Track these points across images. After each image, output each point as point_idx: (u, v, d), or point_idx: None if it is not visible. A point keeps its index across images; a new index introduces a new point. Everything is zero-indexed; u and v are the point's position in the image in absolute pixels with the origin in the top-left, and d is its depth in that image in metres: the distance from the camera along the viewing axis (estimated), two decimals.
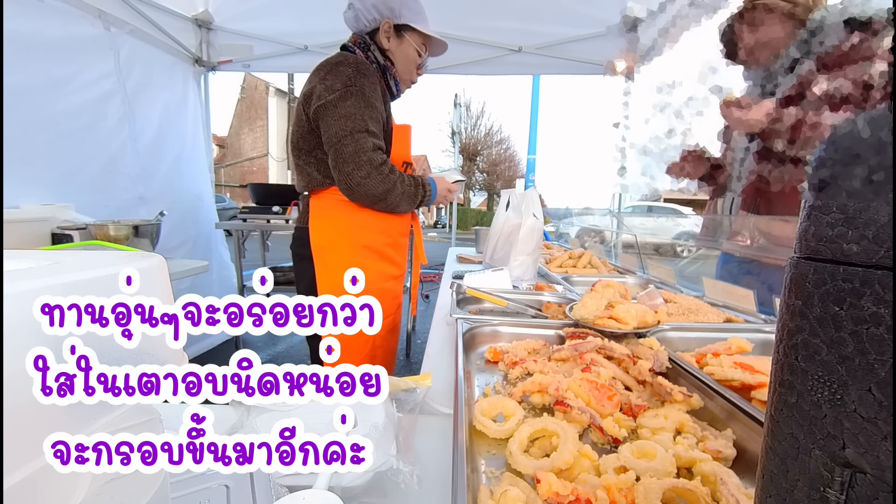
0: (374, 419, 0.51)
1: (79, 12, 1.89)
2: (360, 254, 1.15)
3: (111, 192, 2.06)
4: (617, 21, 2.43)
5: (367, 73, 1.07)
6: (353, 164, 1.00)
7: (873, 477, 0.16)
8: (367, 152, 1.01)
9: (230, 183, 16.74)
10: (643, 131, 1.50)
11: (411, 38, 1.17)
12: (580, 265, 1.81)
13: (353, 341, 1.15)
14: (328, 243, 1.13)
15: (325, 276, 1.13)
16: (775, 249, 1.12)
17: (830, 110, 1.01)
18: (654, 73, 2.43)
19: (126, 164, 2.15)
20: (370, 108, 1.05)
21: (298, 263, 1.20)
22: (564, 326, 0.87)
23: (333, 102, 1.02)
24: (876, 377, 0.15)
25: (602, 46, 2.59)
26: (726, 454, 0.47)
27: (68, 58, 1.82)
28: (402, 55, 1.18)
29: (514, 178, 20.71)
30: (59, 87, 1.78)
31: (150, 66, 2.34)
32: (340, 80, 1.03)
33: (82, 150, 1.90)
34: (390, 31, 1.15)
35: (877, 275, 0.15)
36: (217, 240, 3.03)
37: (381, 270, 1.20)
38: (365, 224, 1.15)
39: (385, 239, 1.19)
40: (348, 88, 1.02)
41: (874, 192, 0.16)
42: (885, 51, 0.95)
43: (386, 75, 1.18)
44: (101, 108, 1.99)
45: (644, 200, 9.23)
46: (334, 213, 1.13)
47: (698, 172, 1.40)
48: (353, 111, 1.01)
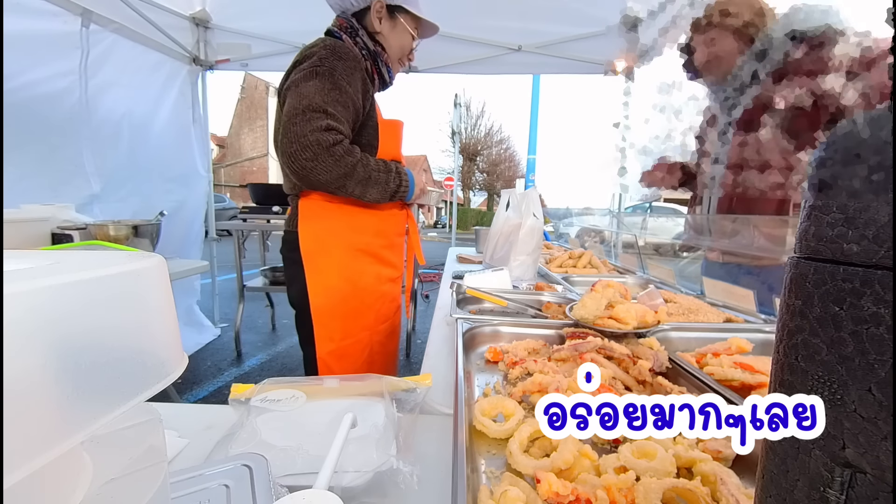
0: (374, 419, 0.51)
1: (56, 10, 1.85)
2: (355, 257, 1.08)
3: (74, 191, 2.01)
4: (617, 21, 2.43)
5: (343, 57, 0.97)
6: (298, 144, 0.87)
7: (873, 477, 0.16)
8: (316, 132, 0.88)
9: (230, 183, 16.73)
10: (643, 131, 1.52)
11: (405, 19, 1.08)
12: (580, 265, 1.81)
13: (350, 348, 1.11)
14: (319, 247, 1.05)
15: (318, 281, 1.05)
16: (747, 251, 1.15)
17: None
18: (654, 73, 2.43)
19: (88, 162, 2.10)
20: (337, 91, 0.93)
21: (289, 268, 1.11)
22: (564, 326, 0.87)
23: (296, 82, 0.92)
24: (876, 377, 0.15)
25: (602, 46, 2.59)
26: (726, 454, 0.47)
27: (18, 55, 1.75)
28: (395, 39, 1.09)
29: (514, 178, 20.70)
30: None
31: (130, 64, 2.31)
32: (310, 63, 0.94)
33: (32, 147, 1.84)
34: (382, 12, 1.05)
35: (877, 275, 0.15)
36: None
37: (378, 273, 1.14)
38: (358, 226, 1.08)
39: (380, 241, 1.13)
40: (315, 68, 0.92)
41: (874, 192, 0.16)
42: (836, 62, 0.97)
43: (378, 62, 1.08)
44: (51, 106, 1.91)
45: (644, 200, 9.22)
46: (324, 214, 1.05)
47: (674, 180, 1.45)
48: (312, 91, 0.90)
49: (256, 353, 2.93)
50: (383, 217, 1.11)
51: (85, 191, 2.09)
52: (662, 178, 1.46)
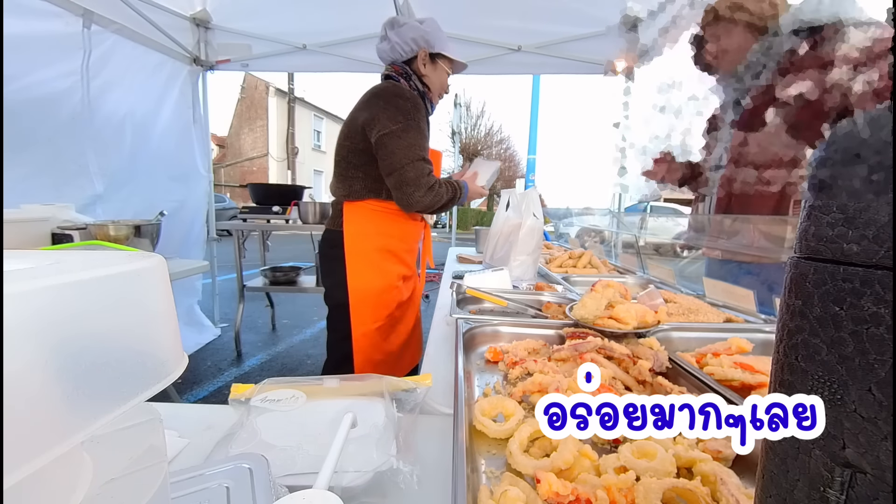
0: (374, 419, 0.51)
1: (58, 10, 1.86)
2: (384, 256, 1.33)
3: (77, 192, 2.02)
4: (617, 21, 2.43)
5: (419, 108, 1.26)
6: (415, 186, 1.22)
7: (873, 477, 0.16)
8: (425, 177, 1.23)
9: (230, 183, 16.73)
10: (643, 131, 1.53)
11: (443, 63, 1.38)
12: (580, 265, 1.81)
13: (380, 331, 1.33)
14: (359, 245, 1.30)
15: (356, 275, 1.30)
16: (745, 249, 1.16)
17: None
18: (654, 73, 2.43)
19: (91, 162, 2.10)
20: (424, 139, 1.26)
21: (327, 263, 1.36)
22: (564, 326, 0.87)
23: (397, 133, 1.20)
24: (876, 377, 0.15)
25: (602, 46, 2.59)
26: (726, 454, 0.47)
27: (22, 56, 1.76)
28: (436, 78, 1.39)
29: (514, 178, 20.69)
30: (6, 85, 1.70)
31: (131, 64, 2.31)
32: (402, 112, 1.21)
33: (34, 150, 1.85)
34: (426, 59, 1.34)
35: (877, 275, 0.15)
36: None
37: (399, 272, 1.38)
38: (388, 231, 1.33)
39: (403, 245, 1.38)
40: (409, 122, 1.21)
41: (874, 192, 0.16)
42: (842, 56, 0.97)
43: (424, 100, 1.35)
44: (53, 107, 1.91)
45: (644, 200, 9.23)
46: (366, 219, 1.31)
47: (674, 177, 1.48)
48: (413, 142, 1.21)
49: (256, 353, 2.93)
50: (407, 226, 1.37)
51: (88, 191, 2.10)
52: (657, 173, 1.49)
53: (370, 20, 2.65)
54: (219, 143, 17.61)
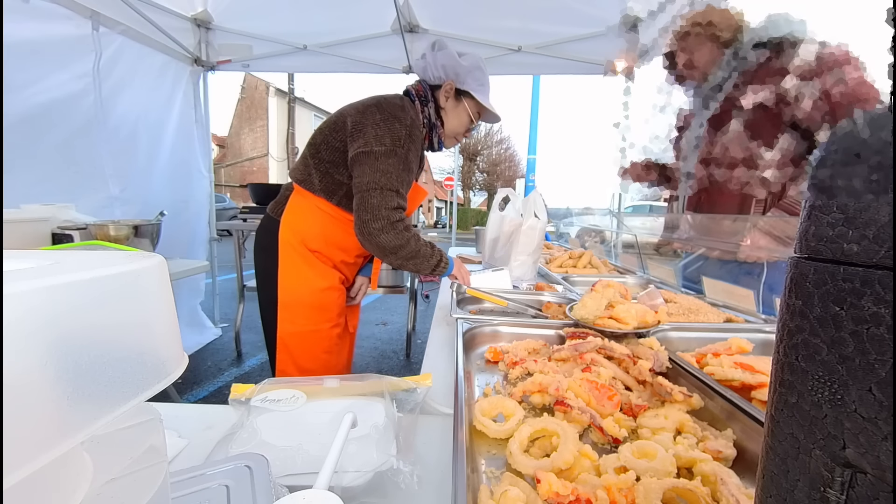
0: (375, 419, 0.51)
1: (67, 13, 1.87)
2: (314, 258, 1.21)
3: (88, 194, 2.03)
4: (617, 21, 2.43)
5: (415, 139, 1.15)
6: (372, 215, 1.08)
7: (874, 477, 0.16)
8: (388, 209, 1.09)
9: (230, 183, 16.74)
10: (643, 131, 1.55)
11: (468, 103, 1.25)
12: (580, 265, 1.81)
13: (310, 336, 1.21)
14: (296, 240, 1.18)
15: (288, 270, 1.19)
16: (713, 244, 1.28)
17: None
18: (654, 73, 2.43)
19: (107, 164, 2.12)
20: (406, 172, 1.13)
21: (259, 254, 1.24)
22: (564, 326, 0.87)
23: (377, 155, 1.09)
24: (876, 377, 0.15)
25: (602, 46, 2.58)
26: (726, 454, 0.47)
27: (39, 59, 1.78)
28: (455, 116, 1.27)
29: (514, 178, 20.69)
30: (22, 90, 1.73)
31: (139, 65, 2.32)
32: (392, 137, 1.10)
33: (54, 152, 1.87)
34: (450, 93, 1.24)
35: (877, 275, 0.15)
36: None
37: (332, 280, 1.25)
38: (331, 238, 1.20)
39: (343, 255, 1.25)
40: (395, 150, 1.10)
41: (874, 192, 0.15)
42: (794, 66, 1.12)
43: (432, 133, 1.27)
44: (68, 109, 1.94)
45: (644, 200, 9.23)
46: (309, 214, 1.19)
47: (651, 177, 1.56)
48: (390, 170, 1.09)
49: (256, 353, 2.93)
50: (353, 239, 1.19)
51: (103, 193, 2.11)
52: (634, 174, 1.59)
53: (371, 21, 2.65)
54: (219, 143, 17.62)
